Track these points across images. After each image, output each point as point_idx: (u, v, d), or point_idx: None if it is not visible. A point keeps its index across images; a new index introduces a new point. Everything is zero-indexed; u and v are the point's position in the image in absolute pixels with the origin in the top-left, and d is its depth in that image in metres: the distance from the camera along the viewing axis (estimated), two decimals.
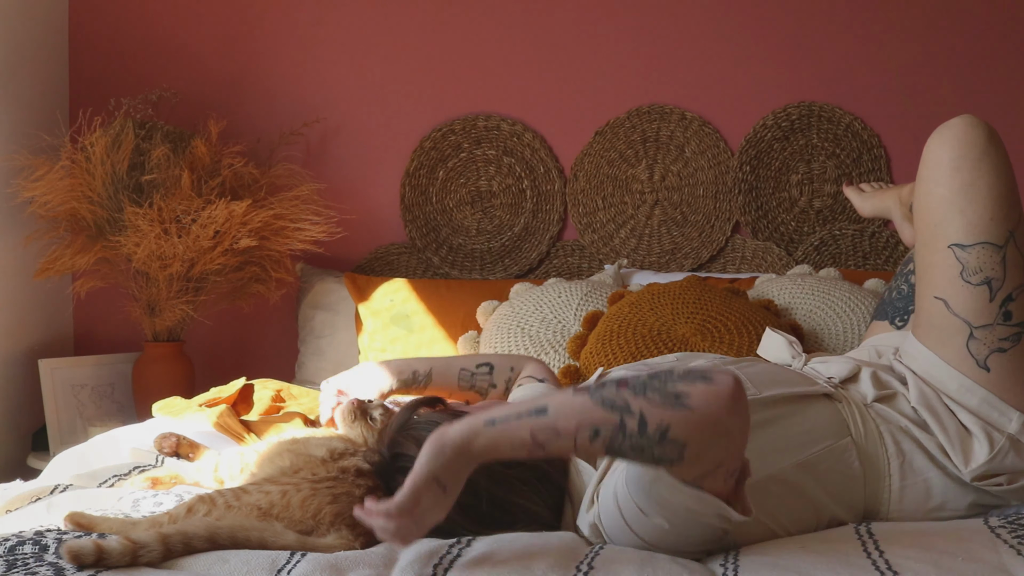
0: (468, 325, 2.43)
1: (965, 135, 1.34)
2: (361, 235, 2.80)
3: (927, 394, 1.35)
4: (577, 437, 1.01)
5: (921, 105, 2.64)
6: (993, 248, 1.31)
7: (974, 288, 1.32)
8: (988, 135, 1.34)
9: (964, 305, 1.33)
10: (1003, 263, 1.31)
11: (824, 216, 2.68)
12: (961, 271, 1.32)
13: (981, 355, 1.33)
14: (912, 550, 1.11)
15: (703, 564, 1.13)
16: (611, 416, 1.00)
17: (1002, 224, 1.31)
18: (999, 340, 1.32)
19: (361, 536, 1.19)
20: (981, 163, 1.32)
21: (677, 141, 2.72)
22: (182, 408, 1.91)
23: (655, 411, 0.98)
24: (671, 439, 0.98)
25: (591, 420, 1.00)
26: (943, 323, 1.35)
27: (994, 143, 1.34)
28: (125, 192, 2.46)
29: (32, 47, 2.75)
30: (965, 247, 1.32)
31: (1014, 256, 1.31)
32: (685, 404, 0.98)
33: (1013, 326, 1.32)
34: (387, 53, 2.83)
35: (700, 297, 2.18)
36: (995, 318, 1.31)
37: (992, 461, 1.30)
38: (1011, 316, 1.31)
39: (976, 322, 1.32)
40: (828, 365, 1.48)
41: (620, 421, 0.99)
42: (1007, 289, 1.31)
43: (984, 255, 1.31)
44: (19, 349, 2.67)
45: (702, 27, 2.72)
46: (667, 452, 0.99)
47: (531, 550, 1.13)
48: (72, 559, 1.01)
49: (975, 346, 1.33)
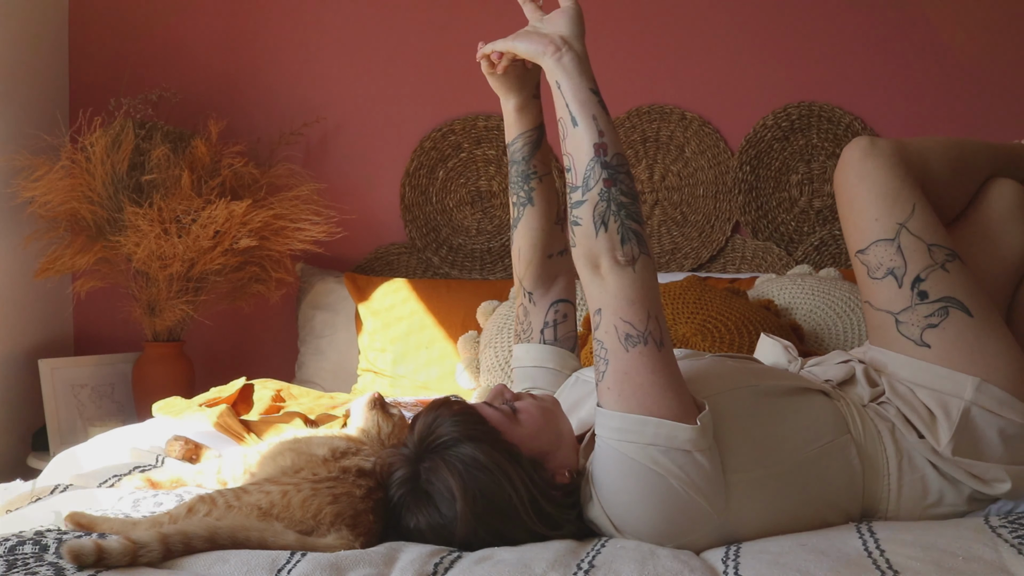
0: (468, 325, 2.43)
1: (847, 160, 1.47)
2: (361, 235, 2.80)
3: (896, 386, 1.40)
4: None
5: (921, 105, 2.64)
6: (885, 243, 1.42)
7: (881, 282, 1.42)
8: (865, 151, 1.45)
9: (880, 299, 1.43)
10: (899, 252, 1.41)
11: (824, 216, 2.68)
12: (868, 272, 1.44)
13: (915, 335, 1.40)
14: (912, 549, 1.11)
15: (704, 561, 1.13)
16: (584, 169, 1.26)
17: (888, 220, 1.42)
18: (925, 318, 1.39)
19: (361, 536, 1.18)
20: (860, 178, 1.45)
21: (677, 141, 2.73)
22: (182, 408, 1.91)
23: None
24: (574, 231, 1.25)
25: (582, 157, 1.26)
26: (875, 321, 1.45)
27: (872, 155, 1.45)
28: (125, 192, 2.46)
29: (32, 47, 2.75)
30: (863, 251, 1.44)
31: (910, 243, 1.40)
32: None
33: (934, 302, 1.39)
34: (387, 53, 2.83)
35: (700, 297, 2.18)
36: (911, 300, 1.40)
37: (958, 432, 1.32)
38: (927, 295, 1.39)
39: (895, 309, 1.41)
40: (824, 368, 1.50)
41: (578, 185, 1.26)
42: (912, 272, 1.40)
43: (879, 251, 1.42)
44: (19, 349, 2.67)
45: (702, 27, 2.72)
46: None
47: (531, 549, 1.13)
48: (73, 559, 1.00)
49: (905, 329, 1.40)
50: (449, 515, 1.17)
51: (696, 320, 2.12)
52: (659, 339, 1.20)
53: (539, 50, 1.30)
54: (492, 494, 1.17)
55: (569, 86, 1.27)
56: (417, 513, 1.19)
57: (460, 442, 1.19)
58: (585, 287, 1.24)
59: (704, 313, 2.13)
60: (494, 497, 1.17)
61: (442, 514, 1.17)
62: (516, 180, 1.57)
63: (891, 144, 1.47)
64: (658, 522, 1.17)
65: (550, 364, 1.59)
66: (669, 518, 1.17)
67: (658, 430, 1.16)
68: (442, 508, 1.17)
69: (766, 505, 1.23)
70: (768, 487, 1.24)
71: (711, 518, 1.18)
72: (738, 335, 2.08)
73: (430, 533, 1.19)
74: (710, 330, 2.10)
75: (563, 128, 1.27)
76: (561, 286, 1.64)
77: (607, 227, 1.21)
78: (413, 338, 2.47)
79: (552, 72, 1.29)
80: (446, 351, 2.43)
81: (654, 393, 1.18)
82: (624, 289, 1.20)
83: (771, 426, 1.29)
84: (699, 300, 2.17)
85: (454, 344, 2.41)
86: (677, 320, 2.13)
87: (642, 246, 1.21)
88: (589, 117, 1.25)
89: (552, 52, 1.29)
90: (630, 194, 1.23)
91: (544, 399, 1.33)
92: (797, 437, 1.29)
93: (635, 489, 1.17)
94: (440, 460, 1.19)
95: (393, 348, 2.47)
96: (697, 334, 2.09)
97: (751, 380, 1.34)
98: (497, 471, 1.18)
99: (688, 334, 2.09)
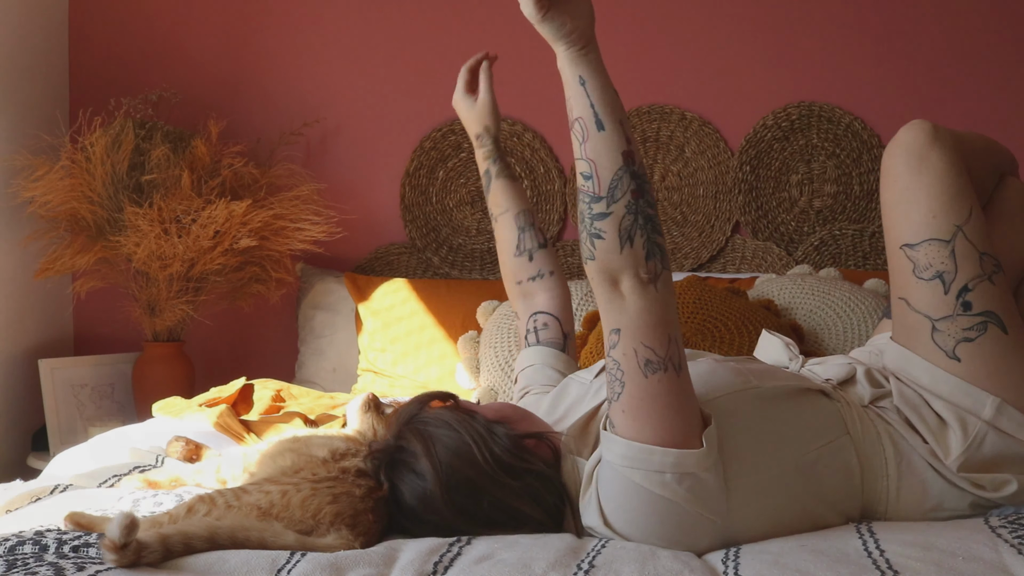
0: (468, 325, 2.43)
1: (906, 142, 1.40)
2: (361, 235, 2.80)
3: (905, 392, 1.37)
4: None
5: (921, 105, 2.64)
6: (939, 243, 1.35)
7: (927, 283, 1.36)
8: (930, 138, 1.39)
9: (921, 301, 1.37)
10: (952, 256, 1.35)
11: (824, 216, 2.68)
12: (913, 269, 1.37)
13: (948, 346, 1.35)
14: (912, 549, 1.11)
15: (704, 562, 1.13)
16: (608, 181, 1.16)
17: (946, 220, 1.35)
18: (963, 331, 1.34)
19: (361, 536, 1.19)
20: (921, 166, 1.38)
21: (677, 141, 2.73)
22: (182, 408, 1.92)
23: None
24: (595, 243, 1.16)
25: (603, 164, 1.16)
26: (908, 320, 1.39)
27: (937, 144, 1.38)
28: (125, 192, 2.47)
29: (32, 47, 2.75)
30: (913, 246, 1.37)
31: (964, 248, 1.35)
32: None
33: (975, 315, 1.34)
34: (387, 53, 2.83)
35: (700, 297, 2.18)
36: (953, 309, 1.34)
37: (970, 449, 1.30)
38: (971, 306, 1.34)
39: (935, 315, 1.36)
40: (825, 367, 1.48)
41: (602, 195, 1.15)
42: (961, 280, 1.34)
43: (931, 251, 1.36)
44: (19, 349, 2.68)
45: (702, 27, 2.72)
46: (586, 246, 1.17)
47: (531, 549, 1.13)
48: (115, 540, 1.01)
49: (940, 338, 1.36)
50: (425, 476, 1.22)
51: (696, 320, 2.12)
52: (678, 363, 1.16)
53: (565, 36, 1.16)
54: (453, 445, 1.23)
55: (596, 85, 1.17)
56: (400, 485, 1.24)
57: (423, 410, 1.30)
58: (601, 304, 1.18)
59: (704, 313, 2.13)
60: (456, 448, 1.23)
61: (419, 475, 1.23)
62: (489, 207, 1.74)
63: (952, 136, 1.40)
64: (662, 535, 1.17)
65: (536, 362, 1.65)
66: (673, 532, 1.17)
67: (664, 459, 1.15)
68: (417, 469, 1.23)
69: (767, 506, 1.23)
70: (769, 489, 1.23)
71: (714, 524, 1.18)
72: (738, 335, 2.08)
73: (419, 505, 1.23)
74: (710, 330, 2.10)
75: (583, 130, 1.17)
76: (540, 300, 1.70)
77: (632, 242, 1.13)
78: (413, 338, 2.47)
79: (576, 64, 1.17)
80: (446, 351, 2.43)
81: (668, 417, 1.15)
82: (646, 311, 1.14)
83: (772, 429, 1.28)
84: (699, 300, 2.17)
85: (454, 344, 2.41)
86: None
87: (665, 262, 1.15)
88: (617, 122, 1.17)
89: (579, 42, 1.17)
90: (654, 205, 1.16)
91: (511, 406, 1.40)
92: (798, 439, 1.28)
93: (640, 509, 1.17)
94: (406, 429, 1.27)
95: (393, 348, 2.47)
96: (697, 334, 2.09)
97: (752, 382, 1.32)
98: (455, 423, 1.25)
99: (688, 334, 2.09)
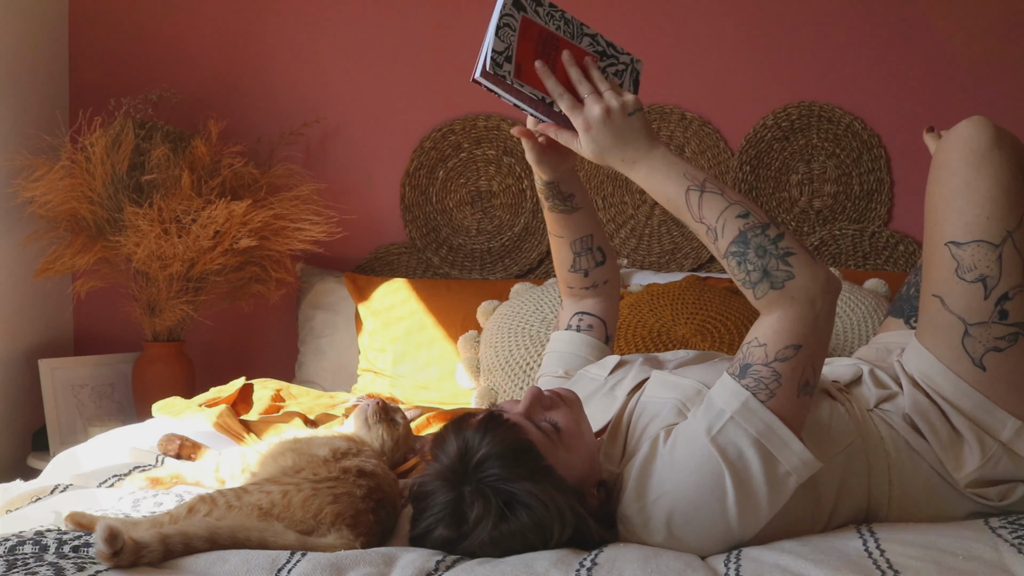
0: (468, 325, 2.43)
1: (969, 137, 1.34)
2: (361, 235, 2.80)
3: (919, 400, 1.35)
4: (727, 212, 1.23)
5: (921, 105, 2.64)
6: (988, 246, 1.31)
7: (968, 285, 1.32)
8: (993, 138, 1.34)
9: (959, 302, 1.33)
10: (999, 261, 1.31)
11: (824, 216, 2.68)
12: (956, 268, 1.32)
13: (977, 353, 1.32)
14: (913, 548, 1.11)
15: (706, 562, 1.13)
16: (762, 215, 1.23)
17: (999, 223, 1.31)
18: (995, 339, 1.31)
19: (361, 536, 1.19)
20: (982, 164, 1.32)
21: (677, 141, 2.73)
22: (182, 408, 1.92)
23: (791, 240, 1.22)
24: (789, 262, 1.20)
25: (746, 207, 1.23)
26: (940, 320, 1.35)
27: (1000, 145, 1.33)
28: (125, 192, 2.46)
29: (32, 47, 2.75)
30: (960, 244, 1.32)
31: (1011, 256, 1.31)
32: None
33: (1010, 325, 1.31)
34: (387, 53, 2.83)
35: (700, 297, 2.18)
36: (990, 316, 1.31)
37: (984, 467, 1.29)
38: (1007, 315, 1.31)
39: (971, 319, 1.32)
40: (831, 368, 1.47)
41: (768, 221, 1.22)
42: (1003, 288, 1.30)
43: (979, 253, 1.31)
44: (19, 349, 2.67)
45: (702, 27, 2.72)
46: (780, 269, 1.20)
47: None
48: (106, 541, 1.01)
49: (970, 344, 1.32)
50: (468, 534, 1.13)
51: (696, 320, 2.12)
52: (813, 391, 1.24)
53: (641, 158, 1.28)
54: (535, 525, 1.13)
55: (690, 165, 1.28)
56: (441, 528, 1.15)
57: (510, 479, 1.13)
58: (791, 323, 1.20)
59: (704, 313, 2.13)
60: (535, 525, 1.13)
61: (462, 533, 1.14)
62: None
63: (1013, 139, 1.36)
64: (715, 513, 1.18)
65: (570, 349, 1.62)
66: (721, 518, 1.18)
67: (799, 455, 1.20)
68: (464, 529, 1.13)
69: (783, 516, 1.21)
70: (790, 501, 1.22)
71: (756, 518, 1.19)
72: (738, 335, 2.08)
73: (438, 542, 1.16)
74: (710, 330, 2.10)
75: (710, 191, 1.25)
76: (590, 303, 1.64)
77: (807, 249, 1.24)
78: (413, 338, 2.47)
79: (669, 166, 1.28)
80: (446, 351, 2.43)
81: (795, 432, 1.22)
82: (827, 336, 1.23)
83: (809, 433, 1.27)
84: (699, 300, 2.17)
85: (454, 344, 2.41)
86: (677, 320, 2.13)
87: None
88: (715, 178, 1.25)
89: (652, 149, 1.29)
90: (777, 236, 1.22)
91: (571, 400, 1.30)
92: (816, 449, 1.25)
93: (704, 485, 1.18)
94: (488, 489, 1.13)
95: (393, 348, 2.47)
96: (697, 334, 2.09)
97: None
98: (547, 508, 1.13)
99: (688, 334, 2.09)
